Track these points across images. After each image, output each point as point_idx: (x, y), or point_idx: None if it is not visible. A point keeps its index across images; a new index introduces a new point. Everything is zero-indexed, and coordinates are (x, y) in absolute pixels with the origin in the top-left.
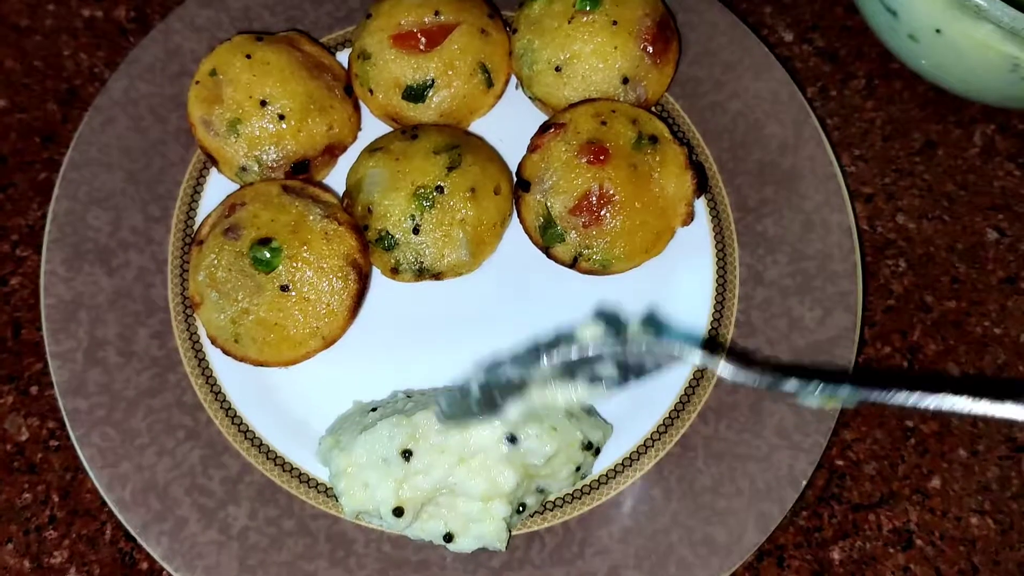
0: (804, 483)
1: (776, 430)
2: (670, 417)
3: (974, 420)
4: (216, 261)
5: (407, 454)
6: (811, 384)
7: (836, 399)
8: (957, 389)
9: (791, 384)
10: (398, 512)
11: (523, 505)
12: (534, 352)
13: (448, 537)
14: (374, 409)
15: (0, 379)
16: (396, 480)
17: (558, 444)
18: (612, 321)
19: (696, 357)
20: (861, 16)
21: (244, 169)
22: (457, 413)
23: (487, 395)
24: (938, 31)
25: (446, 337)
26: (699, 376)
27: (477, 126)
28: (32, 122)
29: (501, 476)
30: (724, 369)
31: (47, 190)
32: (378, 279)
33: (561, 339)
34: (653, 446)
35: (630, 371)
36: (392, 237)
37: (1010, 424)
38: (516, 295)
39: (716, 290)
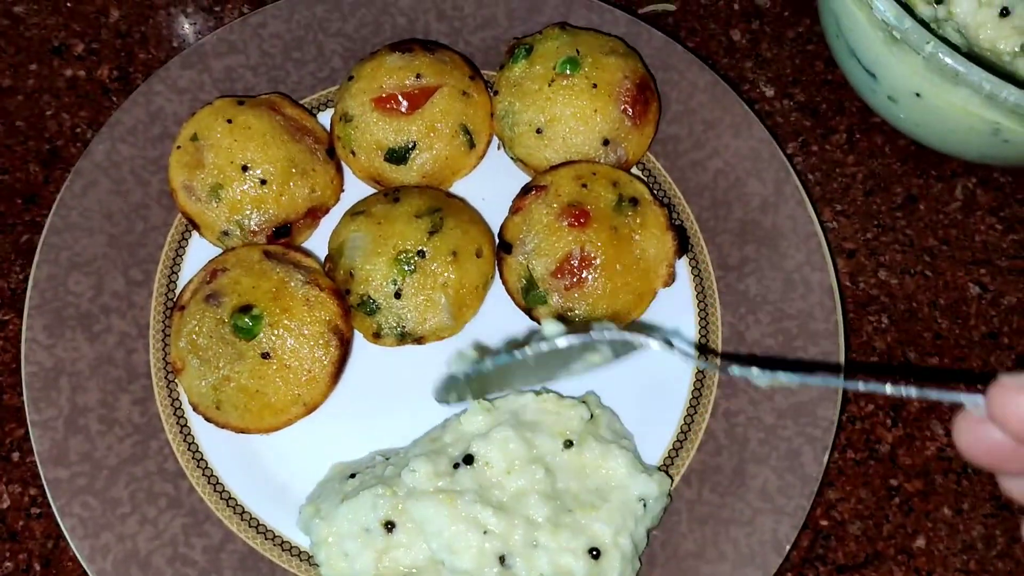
0: (788, 547)
1: (759, 493)
2: None
3: (958, 478)
4: (197, 328)
5: (390, 526)
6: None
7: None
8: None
9: (737, 368)
10: None
11: None
12: (512, 346)
13: None
14: (353, 475)
15: None
16: (377, 551)
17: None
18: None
19: (654, 344)
20: (841, 70)
21: (226, 234)
22: (450, 398)
23: (478, 382)
24: (918, 95)
25: (428, 399)
26: (682, 439)
27: (459, 186)
28: (14, 183)
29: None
30: (683, 356)
31: (29, 252)
32: (360, 342)
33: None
34: None
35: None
36: (374, 302)
37: (995, 482)
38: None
39: (698, 350)
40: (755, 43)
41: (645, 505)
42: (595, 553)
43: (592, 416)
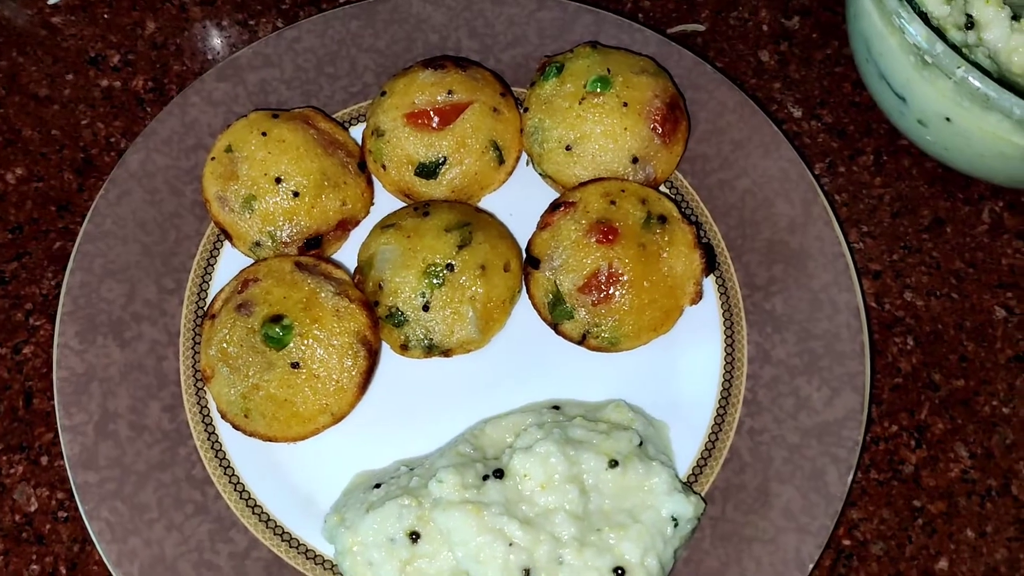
0: (811, 566)
1: (783, 512)
2: None
3: (982, 500)
4: (228, 336)
5: (415, 536)
6: None
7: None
8: None
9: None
10: None
11: None
12: None
13: None
14: (378, 485)
15: (10, 448)
16: (401, 561)
17: None
18: None
19: None
20: (869, 93)
21: (258, 244)
22: None
23: None
24: (948, 119)
25: (453, 410)
26: (706, 456)
27: (488, 201)
28: (48, 191)
29: None
30: None
31: (62, 259)
32: (387, 353)
33: None
34: None
35: None
36: (402, 314)
37: (1019, 505)
38: (524, 371)
39: (724, 368)
40: (783, 64)
41: (676, 524)
42: (620, 572)
43: (641, 443)
